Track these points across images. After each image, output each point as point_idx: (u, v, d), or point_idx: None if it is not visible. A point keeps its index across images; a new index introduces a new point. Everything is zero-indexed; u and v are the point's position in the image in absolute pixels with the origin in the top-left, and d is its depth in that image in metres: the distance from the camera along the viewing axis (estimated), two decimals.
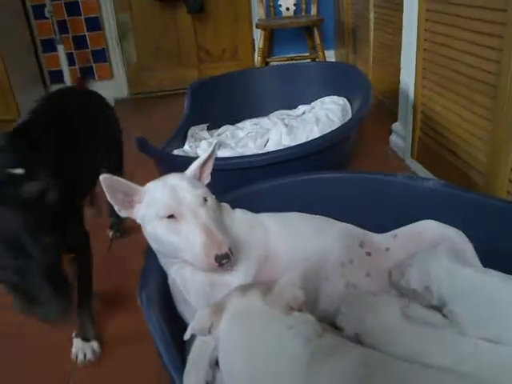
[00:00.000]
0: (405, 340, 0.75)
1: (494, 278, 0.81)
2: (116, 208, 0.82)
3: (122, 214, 0.82)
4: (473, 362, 0.70)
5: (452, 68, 1.36)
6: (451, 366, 0.70)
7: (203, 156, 0.89)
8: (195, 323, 0.69)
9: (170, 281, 0.86)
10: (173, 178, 0.82)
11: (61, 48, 2.77)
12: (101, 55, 3.16)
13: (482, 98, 1.21)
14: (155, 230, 0.78)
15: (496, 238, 0.92)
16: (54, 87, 3.13)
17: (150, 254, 0.85)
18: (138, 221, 0.82)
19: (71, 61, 3.01)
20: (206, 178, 0.90)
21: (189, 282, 0.82)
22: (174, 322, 0.83)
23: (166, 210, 0.76)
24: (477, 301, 0.77)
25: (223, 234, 0.75)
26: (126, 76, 3.27)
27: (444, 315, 0.80)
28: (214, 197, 0.84)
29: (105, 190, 0.78)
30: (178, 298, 0.86)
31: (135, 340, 0.97)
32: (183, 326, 0.72)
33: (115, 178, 0.79)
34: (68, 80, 2.82)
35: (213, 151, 0.90)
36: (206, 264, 0.73)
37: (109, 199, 0.80)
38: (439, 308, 0.81)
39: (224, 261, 0.73)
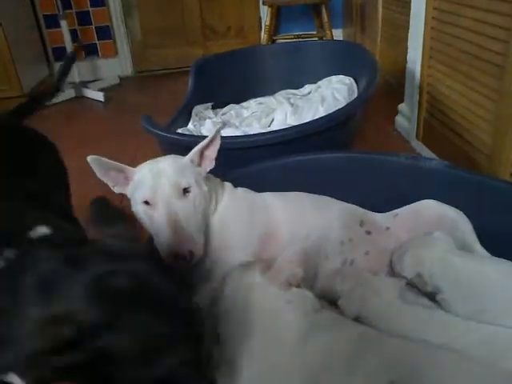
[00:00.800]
0: (403, 320, 0.77)
1: (489, 265, 0.81)
2: (110, 185, 0.83)
3: (116, 190, 0.83)
4: (464, 339, 0.72)
5: (459, 48, 1.34)
6: (446, 344, 0.72)
7: (204, 141, 0.85)
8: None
9: None
10: (163, 162, 0.82)
11: (64, 24, 2.73)
12: (105, 32, 3.12)
13: (488, 78, 1.20)
14: (136, 210, 0.80)
15: (497, 220, 0.92)
16: (58, 65, 3.11)
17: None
18: (129, 197, 0.84)
19: (75, 37, 2.98)
20: (209, 164, 0.87)
21: None
22: None
23: (142, 196, 0.78)
24: (470, 290, 0.78)
25: (191, 234, 0.75)
26: (130, 53, 3.24)
27: (437, 302, 0.81)
28: (204, 188, 0.82)
29: (95, 170, 0.79)
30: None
31: None
32: None
33: (103, 158, 0.79)
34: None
35: (215, 136, 0.85)
36: (165, 257, 0.74)
37: (101, 178, 0.81)
38: (433, 295, 0.82)
39: (180, 261, 0.73)
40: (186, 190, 0.78)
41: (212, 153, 0.87)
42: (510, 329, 0.73)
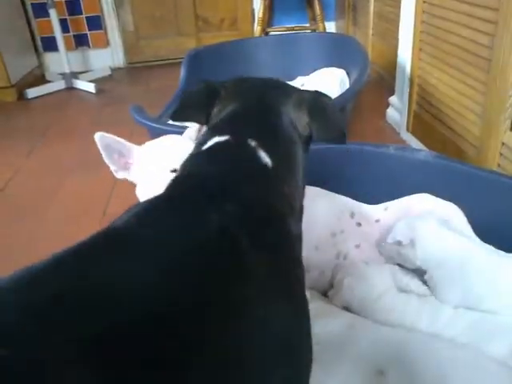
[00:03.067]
0: (393, 309, 0.78)
1: (478, 248, 0.83)
2: (112, 169, 0.81)
3: (119, 175, 0.82)
4: (452, 326, 0.74)
5: (448, 41, 1.35)
6: (436, 331, 0.74)
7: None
8: None
9: None
10: (166, 141, 0.82)
11: (53, 12, 2.67)
12: (96, 22, 3.08)
13: (477, 71, 1.21)
14: (139, 192, 0.79)
15: (485, 210, 0.94)
16: (47, 55, 3.08)
17: None
18: (134, 181, 0.82)
19: (65, 27, 2.94)
20: None
21: None
22: None
23: (173, 164, 0.75)
24: (457, 271, 0.80)
25: None
26: (122, 44, 3.21)
27: (425, 281, 0.83)
28: None
29: (100, 149, 0.78)
30: None
31: None
32: None
33: (110, 136, 0.78)
34: (62, 48, 2.76)
35: None
36: None
37: (105, 160, 0.80)
38: (422, 272, 0.83)
39: None
40: None
41: None
42: (496, 314, 0.75)
